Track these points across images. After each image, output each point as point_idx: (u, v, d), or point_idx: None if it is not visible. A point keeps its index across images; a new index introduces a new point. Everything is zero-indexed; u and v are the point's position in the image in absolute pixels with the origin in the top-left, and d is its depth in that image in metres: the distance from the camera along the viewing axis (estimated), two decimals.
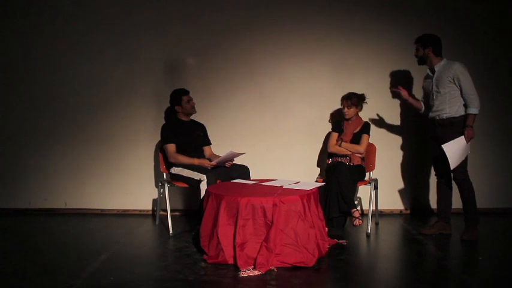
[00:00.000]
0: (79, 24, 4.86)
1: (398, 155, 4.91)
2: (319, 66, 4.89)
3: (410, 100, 4.24)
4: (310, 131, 4.91)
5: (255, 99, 4.91)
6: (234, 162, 4.28)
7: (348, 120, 4.44)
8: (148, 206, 4.99)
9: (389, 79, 4.87)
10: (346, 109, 4.39)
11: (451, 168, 3.81)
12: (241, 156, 4.27)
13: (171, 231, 4.13)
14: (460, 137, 3.79)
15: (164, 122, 4.60)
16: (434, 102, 3.96)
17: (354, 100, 4.36)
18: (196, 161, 4.21)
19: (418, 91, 4.82)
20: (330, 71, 4.88)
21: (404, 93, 4.23)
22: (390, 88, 4.82)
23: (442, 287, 2.98)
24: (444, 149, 3.76)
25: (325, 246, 3.52)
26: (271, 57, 4.88)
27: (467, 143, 3.79)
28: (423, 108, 4.22)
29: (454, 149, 3.77)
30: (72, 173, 4.93)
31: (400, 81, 4.86)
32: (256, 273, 3.07)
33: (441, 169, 3.96)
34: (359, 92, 4.43)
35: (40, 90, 4.91)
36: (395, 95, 4.84)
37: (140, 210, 4.98)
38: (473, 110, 3.79)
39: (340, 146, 4.38)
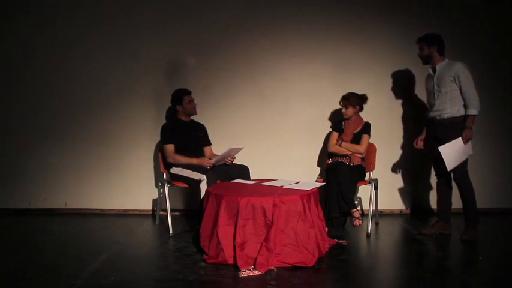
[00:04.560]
0: (79, 24, 4.86)
1: (398, 155, 4.91)
2: (319, 66, 4.89)
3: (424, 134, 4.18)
4: (310, 131, 4.91)
5: (254, 99, 4.91)
6: (234, 159, 4.27)
7: (347, 119, 4.44)
8: (148, 206, 4.99)
9: (389, 79, 4.87)
10: (343, 109, 4.40)
11: (448, 170, 3.81)
12: (241, 156, 4.27)
13: (171, 231, 4.13)
14: (458, 139, 3.78)
15: (164, 122, 4.60)
16: (435, 102, 3.95)
17: (351, 100, 4.35)
18: (195, 161, 4.21)
19: (418, 91, 4.84)
20: (330, 71, 4.88)
21: (421, 143, 4.16)
22: (391, 88, 4.85)
23: (442, 287, 2.98)
24: (441, 151, 3.76)
25: (325, 246, 3.52)
26: (271, 57, 4.88)
27: (464, 144, 3.79)
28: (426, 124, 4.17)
29: (451, 151, 3.76)
30: (72, 173, 4.93)
31: (400, 81, 4.87)
32: (256, 273, 3.07)
33: (441, 169, 3.96)
34: (359, 92, 4.43)
35: (40, 90, 4.91)
36: (398, 95, 4.85)
37: (140, 210, 4.98)
38: (473, 111, 3.78)
39: (340, 145, 4.38)
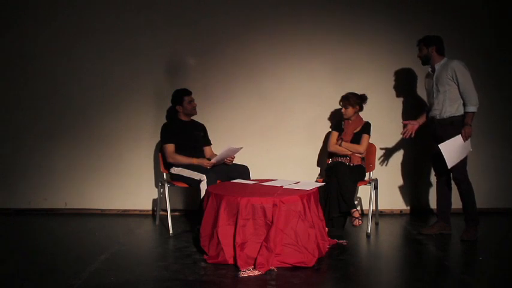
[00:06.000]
0: (79, 24, 4.86)
1: (399, 155, 4.91)
2: (319, 66, 4.89)
3: (420, 123, 4.14)
4: (310, 130, 4.91)
5: (255, 99, 4.91)
6: (234, 159, 4.28)
7: (347, 119, 4.44)
8: (148, 206, 4.99)
9: (389, 79, 4.87)
10: (343, 109, 4.40)
11: (448, 167, 3.81)
12: (241, 156, 4.27)
13: (171, 231, 4.13)
14: (457, 136, 3.78)
15: (164, 122, 4.60)
16: (434, 101, 3.95)
17: (351, 100, 4.35)
18: (195, 161, 4.21)
19: (419, 91, 4.84)
20: (330, 71, 4.88)
21: (412, 127, 4.11)
22: (391, 88, 4.85)
23: (442, 287, 2.98)
24: (441, 149, 3.76)
25: (325, 246, 3.52)
26: (271, 57, 4.88)
27: (464, 141, 3.79)
28: (427, 116, 4.15)
29: (451, 148, 3.76)
30: (72, 173, 4.93)
31: (400, 80, 4.87)
32: (256, 273, 3.07)
33: (440, 168, 3.96)
34: (359, 92, 4.43)
35: (40, 90, 4.91)
36: (398, 95, 4.86)
37: (140, 210, 4.98)
38: (471, 108, 3.79)
39: (340, 145, 4.37)
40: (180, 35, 4.86)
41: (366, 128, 4.40)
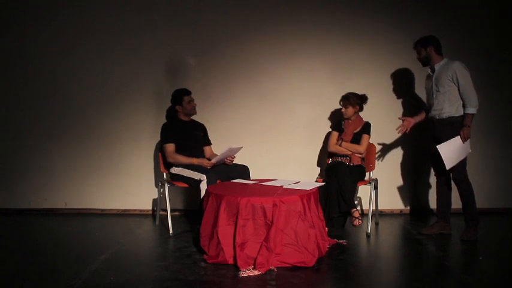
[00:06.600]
0: (79, 24, 4.86)
1: (398, 155, 4.91)
2: (319, 66, 4.89)
3: (417, 120, 4.14)
4: (310, 130, 4.91)
5: (254, 99, 4.91)
6: (234, 159, 4.28)
7: (347, 119, 4.44)
8: (148, 206, 4.99)
9: (389, 79, 4.88)
10: (343, 109, 4.40)
11: (447, 169, 3.81)
12: (241, 156, 4.27)
13: (171, 231, 4.13)
14: (456, 137, 3.78)
15: (165, 122, 4.60)
16: (434, 101, 3.95)
17: (351, 100, 4.35)
18: (195, 161, 4.21)
19: (418, 91, 4.84)
20: (330, 71, 4.88)
21: (408, 124, 4.11)
22: (391, 88, 4.84)
23: (442, 287, 2.98)
24: (439, 150, 3.76)
25: (325, 246, 3.53)
26: (271, 57, 4.88)
27: (463, 143, 3.79)
28: (426, 114, 4.15)
29: (450, 150, 3.77)
30: (72, 173, 4.93)
31: (400, 80, 4.87)
32: (256, 273, 3.07)
33: (440, 168, 3.96)
34: (359, 92, 4.43)
35: (40, 90, 4.91)
36: (398, 95, 4.86)
37: (140, 210, 4.98)
38: (471, 110, 3.79)
39: (340, 145, 4.37)
40: (180, 35, 4.86)
41: (366, 128, 4.40)
